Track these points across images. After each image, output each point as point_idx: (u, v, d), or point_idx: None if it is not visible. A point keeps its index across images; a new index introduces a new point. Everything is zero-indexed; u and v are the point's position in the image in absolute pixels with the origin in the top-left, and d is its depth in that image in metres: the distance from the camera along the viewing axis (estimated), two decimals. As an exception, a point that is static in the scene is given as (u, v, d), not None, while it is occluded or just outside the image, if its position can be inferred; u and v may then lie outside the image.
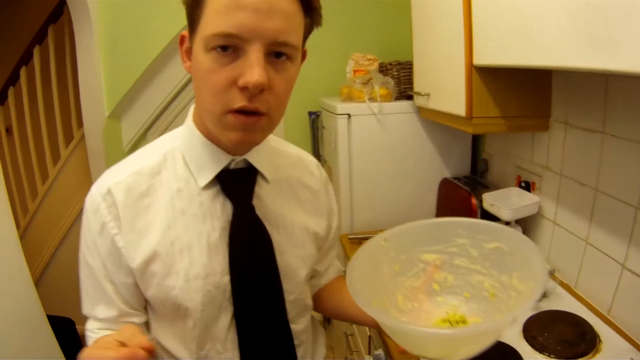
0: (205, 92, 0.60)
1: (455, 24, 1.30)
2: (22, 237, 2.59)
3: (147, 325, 0.76)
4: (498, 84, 1.30)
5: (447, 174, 1.92)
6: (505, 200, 1.47)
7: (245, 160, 0.71)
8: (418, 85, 1.76)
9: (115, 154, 2.24)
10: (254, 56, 0.55)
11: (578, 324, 1.07)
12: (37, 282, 2.62)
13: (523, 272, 0.66)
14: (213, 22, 0.56)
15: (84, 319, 0.75)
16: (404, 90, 1.90)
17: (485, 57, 1.21)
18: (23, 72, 2.50)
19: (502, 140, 1.73)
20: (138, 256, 0.67)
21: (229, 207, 0.70)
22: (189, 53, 0.65)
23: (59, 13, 2.39)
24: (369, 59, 1.90)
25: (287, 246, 0.76)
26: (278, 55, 0.59)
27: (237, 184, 0.71)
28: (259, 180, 0.74)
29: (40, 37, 2.44)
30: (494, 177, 1.81)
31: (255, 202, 0.72)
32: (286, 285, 0.75)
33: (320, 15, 0.64)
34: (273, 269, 0.73)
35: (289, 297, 0.76)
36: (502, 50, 1.10)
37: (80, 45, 2.03)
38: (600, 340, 1.03)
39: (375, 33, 2.25)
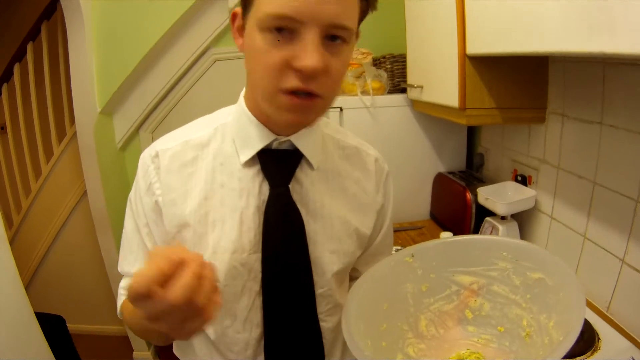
0: (259, 71, 0.59)
1: (448, 12, 1.27)
2: (15, 235, 2.58)
3: None
4: (493, 74, 1.27)
5: (442, 169, 1.88)
6: (501, 195, 1.43)
7: (291, 143, 0.70)
8: (411, 77, 1.72)
9: (107, 150, 2.21)
10: (311, 40, 0.55)
11: (575, 322, 1.04)
12: (30, 280, 2.61)
13: (562, 316, 0.56)
14: (268, 1, 0.55)
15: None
16: (398, 83, 1.86)
17: (478, 45, 1.18)
18: (16, 69, 2.48)
19: (498, 134, 1.69)
20: (173, 221, 0.69)
21: (266, 187, 0.71)
22: (241, 30, 0.64)
23: (52, 9, 2.37)
24: (363, 53, 1.86)
25: (322, 237, 0.73)
26: (333, 38, 0.57)
27: (277, 165, 0.71)
28: (303, 166, 0.73)
29: (33, 34, 2.42)
30: (490, 172, 1.77)
31: (294, 186, 0.72)
32: (315, 278, 0.73)
33: (376, 0, 0.63)
34: (304, 256, 0.72)
35: (317, 290, 0.74)
36: (496, 37, 1.07)
37: (72, 41, 2.01)
38: (599, 339, 1.00)
39: (369, 27, 2.20)
